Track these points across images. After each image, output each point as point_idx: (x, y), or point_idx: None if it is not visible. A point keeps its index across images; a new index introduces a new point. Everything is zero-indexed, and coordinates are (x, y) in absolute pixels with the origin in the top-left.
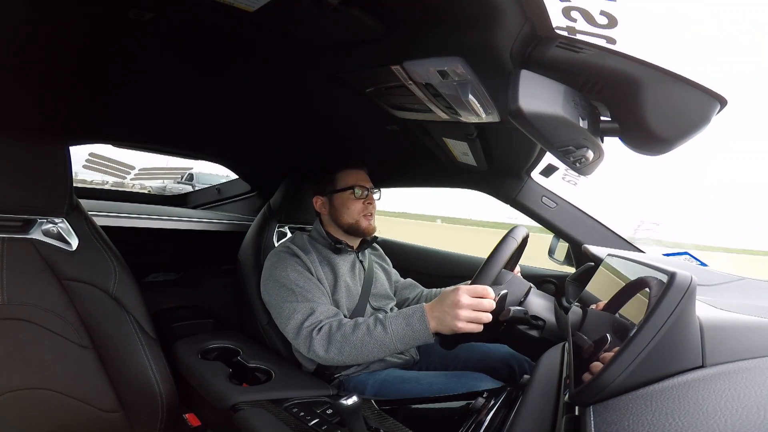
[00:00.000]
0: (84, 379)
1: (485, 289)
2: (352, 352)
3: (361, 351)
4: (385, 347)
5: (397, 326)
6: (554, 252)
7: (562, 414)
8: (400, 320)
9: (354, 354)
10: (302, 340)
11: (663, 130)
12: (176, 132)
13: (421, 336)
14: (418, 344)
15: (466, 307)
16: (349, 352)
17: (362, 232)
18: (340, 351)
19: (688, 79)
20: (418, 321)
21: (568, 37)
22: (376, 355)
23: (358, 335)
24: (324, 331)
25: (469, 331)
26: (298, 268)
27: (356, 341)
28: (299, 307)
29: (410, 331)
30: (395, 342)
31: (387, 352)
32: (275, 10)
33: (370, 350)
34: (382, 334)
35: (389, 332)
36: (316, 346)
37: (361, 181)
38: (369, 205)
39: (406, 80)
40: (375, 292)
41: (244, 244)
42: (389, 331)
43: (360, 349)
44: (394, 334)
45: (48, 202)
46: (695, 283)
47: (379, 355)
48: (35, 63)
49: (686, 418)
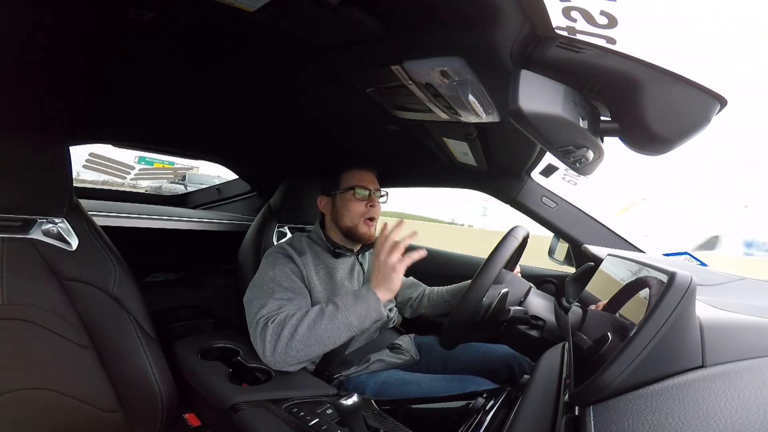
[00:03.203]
0: (84, 379)
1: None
2: (304, 335)
3: (313, 331)
4: (337, 323)
5: (347, 301)
6: (554, 252)
7: (562, 414)
8: (349, 296)
9: (306, 337)
10: (257, 333)
11: (663, 130)
12: (176, 132)
13: (371, 302)
14: (371, 316)
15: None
16: (301, 336)
17: (359, 237)
18: (292, 336)
19: (688, 79)
20: (366, 290)
21: (568, 37)
22: (332, 335)
23: (311, 316)
24: (278, 320)
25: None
26: (286, 270)
27: (308, 322)
28: (269, 302)
29: (361, 302)
30: (348, 315)
31: (342, 329)
32: (275, 10)
33: (323, 328)
34: (333, 310)
35: (340, 306)
36: (268, 337)
37: (364, 181)
38: (371, 208)
39: (406, 80)
40: None
41: (244, 244)
42: (340, 306)
43: (311, 329)
44: (343, 307)
45: (48, 202)
46: (695, 283)
47: (335, 335)
48: (35, 63)
49: (686, 418)
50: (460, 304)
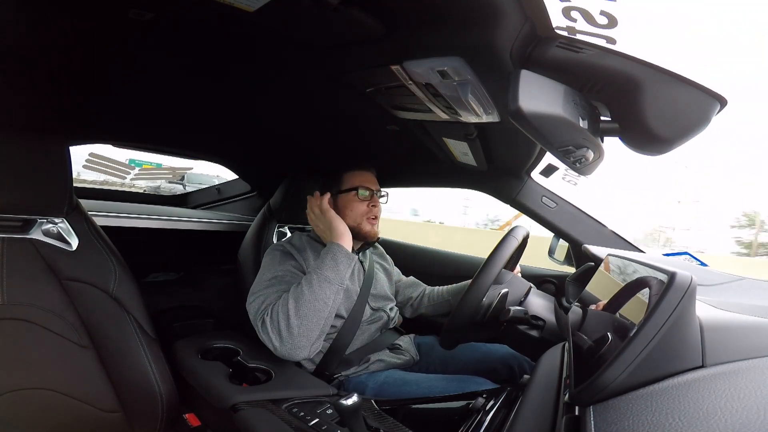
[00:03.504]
0: (84, 379)
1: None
2: (296, 311)
3: (302, 303)
4: (316, 284)
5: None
6: (554, 252)
7: (562, 414)
8: (320, 263)
9: (299, 313)
10: (262, 327)
11: (663, 130)
12: (176, 132)
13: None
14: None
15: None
16: (294, 313)
17: (363, 236)
18: (287, 320)
19: (688, 79)
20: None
21: (568, 37)
22: (319, 298)
23: (293, 294)
24: (272, 310)
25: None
26: (287, 266)
27: (293, 299)
28: (267, 298)
29: (324, 256)
30: (320, 272)
31: (324, 287)
32: (275, 10)
33: (307, 297)
34: (308, 277)
35: (311, 270)
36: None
37: (366, 182)
38: (373, 207)
39: (406, 80)
40: (374, 292)
41: (244, 244)
42: (310, 269)
43: (299, 303)
44: (314, 268)
45: (48, 202)
46: (695, 283)
47: (321, 296)
48: (36, 63)
49: (686, 418)
50: (460, 304)
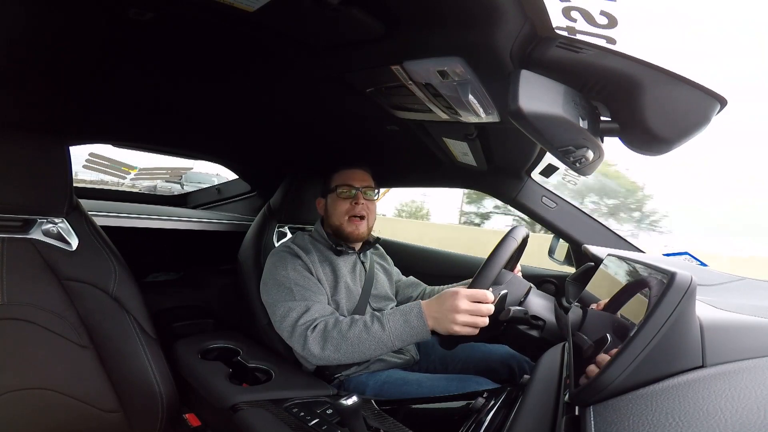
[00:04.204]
0: (84, 379)
1: (485, 294)
2: (348, 349)
3: (359, 348)
4: (382, 344)
5: (395, 323)
6: (554, 252)
7: (562, 414)
8: (397, 317)
9: (351, 352)
10: (297, 338)
11: (663, 130)
12: (176, 132)
13: (420, 333)
14: (416, 341)
15: (464, 312)
16: (345, 349)
17: (345, 236)
18: (336, 349)
19: (688, 79)
20: (416, 318)
21: (568, 37)
22: (374, 353)
23: (355, 332)
24: (319, 328)
25: (465, 334)
26: (298, 268)
27: (353, 338)
28: (295, 305)
29: (408, 328)
30: (393, 339)
31: (385, 349)
32: (275, 10)
33: (368, 347)
34: (380, 331)
35: (387, 329)
36: (311, 344)
37: (349, 180)
38: (356, 205)
39: (406, 80)
40: (375, 293)
41: (244, 244)
42: (387, 328)
43: (357, 346)
44: (392, 331)
45: (48, 202)
46: (695, 283)
47: (376, 353)
48: (35, 63)
49: (686, 418)
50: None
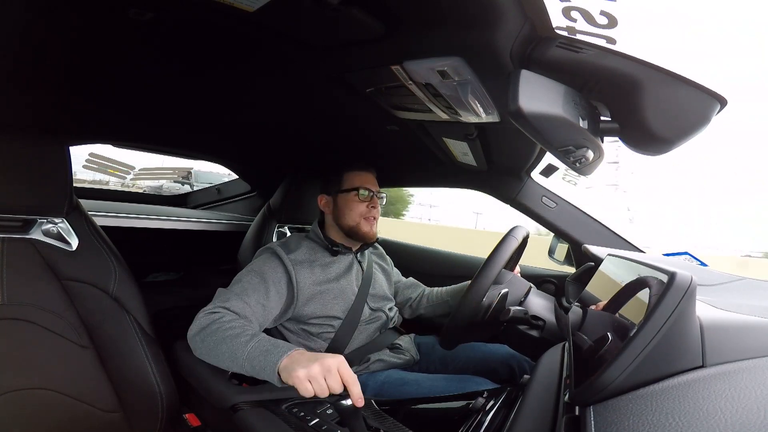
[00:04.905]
0: (84, 379)
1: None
2: (210, 345)
3: (216, 349)
4: (234, 358)
5: (258, 346)
6: (554, 252)
7: (562, 414)
8: (266, 343)
9: (209, 348)
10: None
11: (663, 130)
12: (176, 132)
13: (267, 367)
14: (261, 375)
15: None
16: (208, 343)
17: (362, 236)
18: (203, 339)
19: (688, 79)
20: (278, 352)
21: (568, 37)
22: (226, 362)
23: (227, 333)
24: (213, 317)
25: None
26: (265, 268)
27: (219, 336)
28: (223, 294)
29: (263, 356)
30: (246, 356)
31: (234, 362)
32: (275, 10)
33: (223, 351)
34: (243, 344)
35: (248, 346)
36: (193, 325)
37: (367, 183)
38: (372, 208)
39: (406, 80)
40: (373, 293)
41: (243, 244)
42: (249, 345)
43: (216, 346)
44: (251, 350)
45: (48, 202)
46: (695, 283)
47: (228, 364)
48: (35, 63)
49: (686, 418)
50: (460, 305)
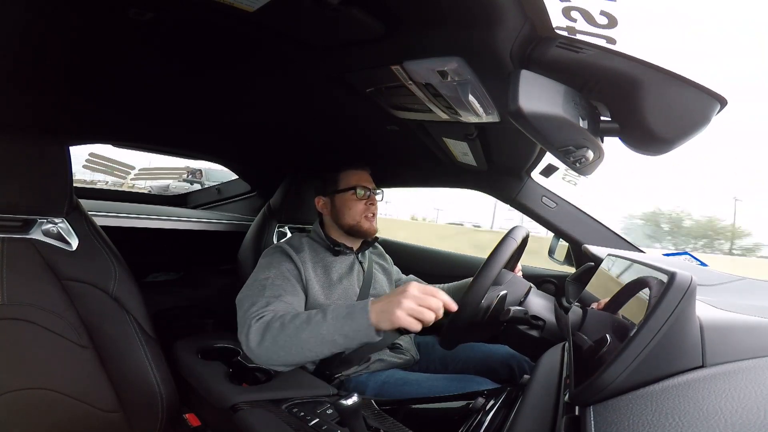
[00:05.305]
0: (84, 379)
1: (435, 290)
2: (286, 342)
3: (296, 341)
4: (321, 337)
5: (337, 314)
6: (554, 252)
7: (562, 414)
8: (341, 309)
9: (288, 345)
10: (242, 329)
11: (663, 130)
12: (176, 132)
13: (360, 328)
14: (358, 338)
15: (412, 298)
16: (283, 342)
17: (364, 233)
18: (274, 340)
19: (688, 79)
20: (360, 311)
21: (568, 37)
22: (313, 348)
23: (296, 323)
24: (265, 319)
25: (407, 326)
26: (282, 267)
27: (292, 329)
28: (258, 299)
29: (349, 321)
30: (332, 331)
31: (324, 344)
32: (275, 10)
33: (306, 340)
34: (320, 321)
35: (327, 320)
36: (252, 335)
37: (363, 181)
38: (371, 206)
39: (406, 80)
40: (374, 292)
41: (244, 244)
42: (328, 317)
43: (294, 338)
44: (332, 322)
45: (48, 202)
46: (695, 283)
47: (315, 349)
48: (35, 63)
49: (686, 418)
50: (460, 305)
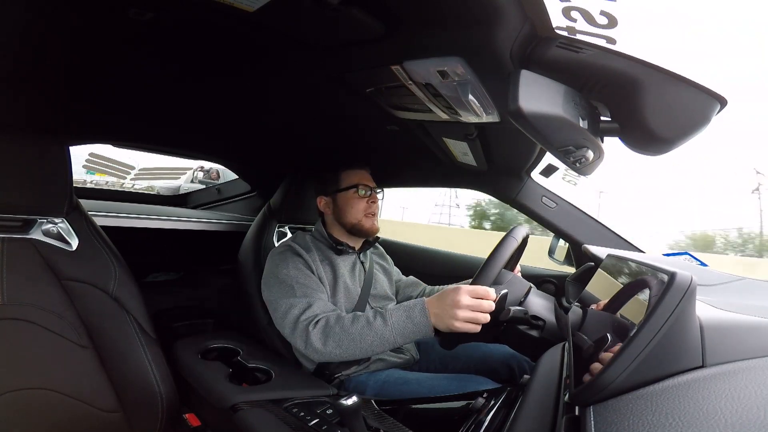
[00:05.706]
0: (84, 379)
1: (486, 290)
2: (350, 345)
3: (360, 344)
4: (384, 340)
5: (397, 319)
6: (554, 252)
7: (562, 414)
8: (400, 312)
9: (353, 348)
10: (299, 334)
11: (663, 130)
12: (176, 132)
13: (422, 329)
14: (418, 338)
15: (465, 308)
16: (347, 345)
17: (365, 232)
18: (338, 344)
19: (688, 79)
20: (419, 314)
21: (568, 37)
22: (376, 350)
23: (357, 327)
24: (321, 324)
25: (466, 331)
26: (299, 266)
27: (355, 334)
28: (296, 302)
29: (411, 324)
30: (395, 335)
31: (386, 345)
32: (275, 10)
33: (370, 343)
34: (382, 326)
35: (389, 324)
36: (313, 339)
37: (364, 180)
38: (372, 204)
39: (406, 80)
40: (375, 293)
41: (244, 244)
42: (389, 323)
43: (359, 342)
44: (394, 326)
45: (48, 202)
46: (695, 283)
47: (378, 350)
48: (35, 63)
49: (686, 418)
50: None
